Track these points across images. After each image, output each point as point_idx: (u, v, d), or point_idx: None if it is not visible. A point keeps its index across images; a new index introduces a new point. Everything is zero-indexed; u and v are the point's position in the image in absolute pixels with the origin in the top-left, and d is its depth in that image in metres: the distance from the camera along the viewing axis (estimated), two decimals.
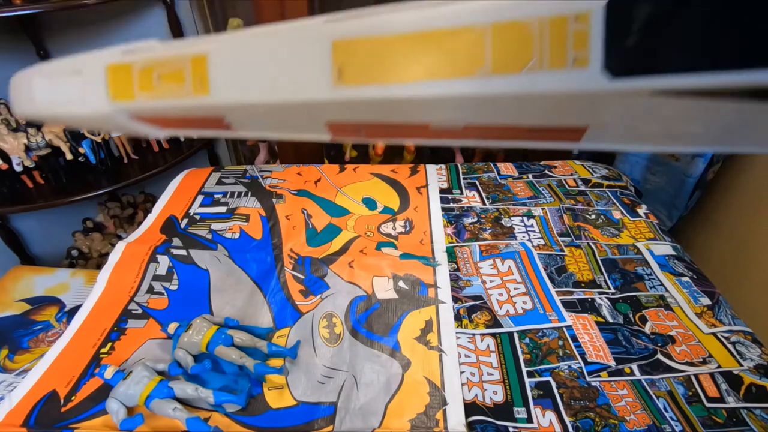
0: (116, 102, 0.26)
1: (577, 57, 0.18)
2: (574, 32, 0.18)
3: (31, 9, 0.88)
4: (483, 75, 0.19)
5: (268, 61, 0.23)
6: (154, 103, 0.25)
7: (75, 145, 1.04)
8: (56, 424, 0.46)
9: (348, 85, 0.21)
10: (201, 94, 0.24)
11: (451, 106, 0.21)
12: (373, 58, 0.20)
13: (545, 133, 0.22)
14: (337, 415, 0.47)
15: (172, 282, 0.62)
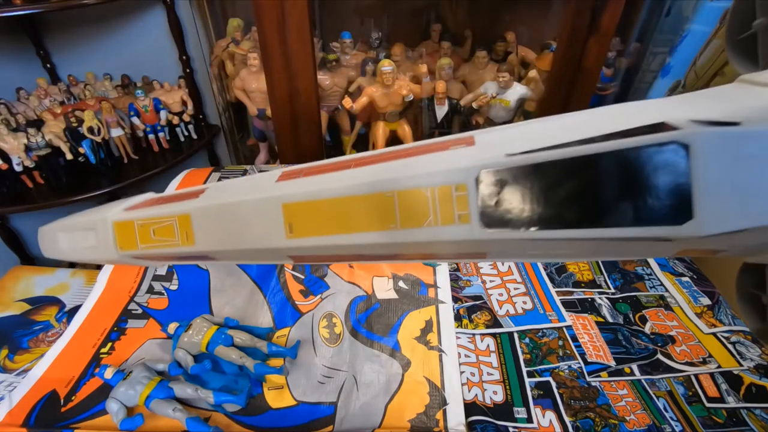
0: (123, 251, 0.33)
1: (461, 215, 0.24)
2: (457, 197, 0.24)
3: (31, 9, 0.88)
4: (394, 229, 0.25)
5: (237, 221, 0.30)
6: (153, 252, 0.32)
7: (75, 145, 1.04)
8: (56, 424, 0.46)
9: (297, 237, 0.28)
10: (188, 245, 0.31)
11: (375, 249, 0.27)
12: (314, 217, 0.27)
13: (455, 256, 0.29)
14: (337, 415, 0.47)
15: (172, 282, 0.62)
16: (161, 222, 0.32)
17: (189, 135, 1.27)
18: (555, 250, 0.25)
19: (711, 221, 0.20)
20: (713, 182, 0.20)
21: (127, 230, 0.33)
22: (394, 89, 0.96)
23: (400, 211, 0.25)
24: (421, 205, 0.24)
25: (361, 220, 0.26)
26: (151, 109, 1.15)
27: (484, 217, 0.23)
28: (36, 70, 1.18)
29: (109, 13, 1.15)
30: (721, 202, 0.20)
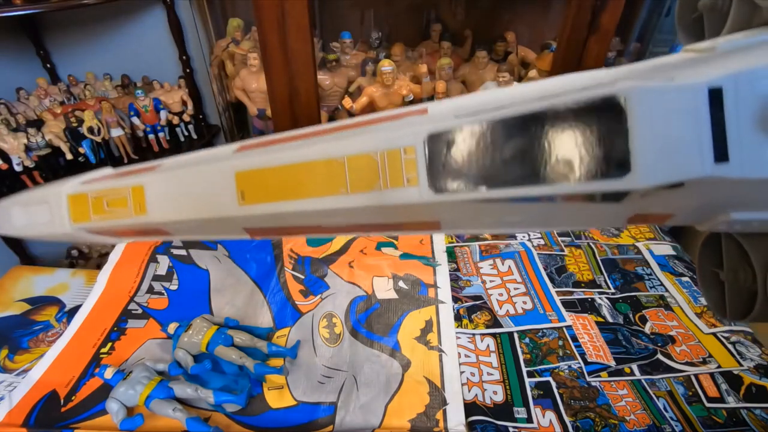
0: (76, 223, 0.33)
1: (409, 178, 0.24)
2: (406, 160, 0.24)
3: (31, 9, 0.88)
4: (344, 193, 0.25)
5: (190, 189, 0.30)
6: (106, 223, 0.33)
7: (75, 145, 1.04)
8: (56, 424, 0.46)
9: (249, 204, 0.28)
10: (141, 215, 0.31)
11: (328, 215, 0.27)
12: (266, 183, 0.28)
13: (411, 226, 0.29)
14: (337, 415, 0.47)
15: (172, 282, 0.62)
16: (115, 193, 0.32)
17: (189, 135, 1.27)
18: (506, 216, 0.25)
19: (648, 173, 0.20)
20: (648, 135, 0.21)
21: (80, 203, 0.33)
22: (394, 89, 0.96)
23: (350, 175, 0.25)
24: (370, 169, 0.25)
25: (312, 186, 0.26)
26: (151, 109, 1.15)
27: (433, 180, 0.23)
28: (36, 70, 1.18)
29: (109, 13, 1.15)
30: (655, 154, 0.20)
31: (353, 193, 0.25)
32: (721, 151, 0.20)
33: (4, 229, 0.36)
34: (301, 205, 0.26)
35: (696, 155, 0.20)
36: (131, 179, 0.31)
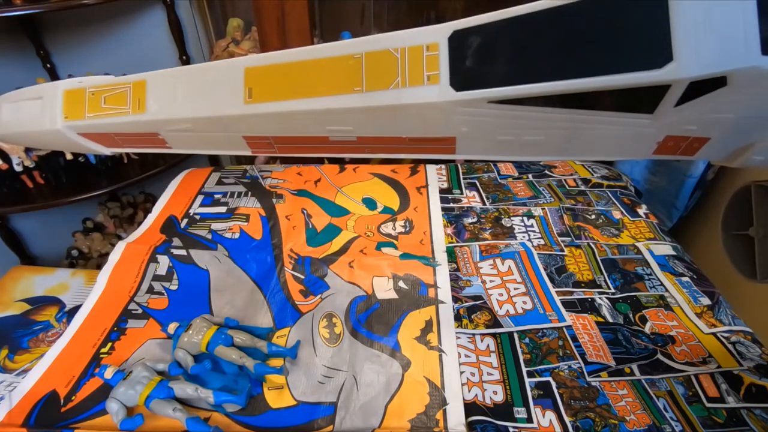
0: (68, 121, 0.31)
1: (431, 76, 0.23)
2: (428, 57, 0.23)
3: (31, 9, 0.88)
4: (359, 92, 0.24)
5: (194, 85, 0.28)
6: (100, 121, 0.30)
7: None
8: (56, 424, 0.46)
9: (256, 102, 0.26)
10: (139, 113, 0.28)
11: (339, 118, 0.26)
12: (276, 80, 0.25)
13: (424, 143, 0.28)
14: (337, 415, 0.47)
15: (172, 282, 0.62)
16: (114, 89, 0.29)
17: None
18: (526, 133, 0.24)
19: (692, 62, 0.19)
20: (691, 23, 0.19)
21: (76, 98, 0.30)
22: None
23: (366, 72, 0.23)
24: (389, 66, 0.23)
25: (324, 83, 0.24)
26: None
27: (455, 77, 0.22)
28: (36, 70, 1.18)
29: (109, 13, 1.15)
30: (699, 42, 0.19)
31: (369, 91, 0.23)
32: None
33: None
34: (312, 104, 0.25)
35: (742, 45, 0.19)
36: (134, 76, 0.29)
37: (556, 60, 0.21)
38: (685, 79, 0.20)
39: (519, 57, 0.22)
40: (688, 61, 0.20)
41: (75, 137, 0.32)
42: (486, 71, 0.22)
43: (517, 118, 0.23)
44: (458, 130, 0.25)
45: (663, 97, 0.21)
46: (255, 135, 0.28)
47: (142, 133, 0.30)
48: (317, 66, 0.25)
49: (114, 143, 0.33)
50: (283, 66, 0.26)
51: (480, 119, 0.24)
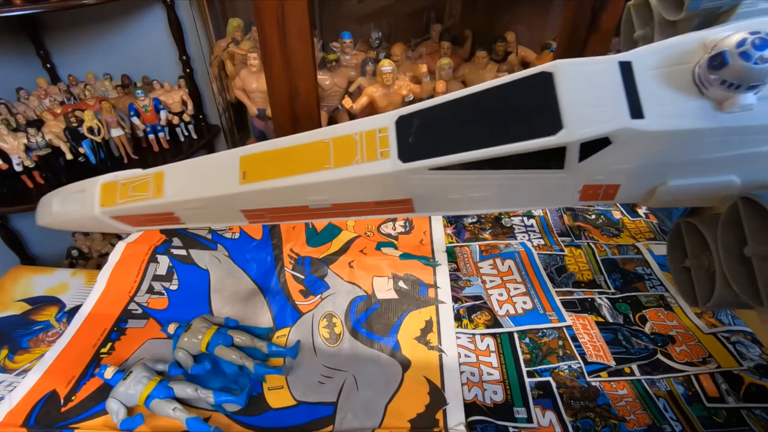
0: (103, 207, 0.38)
1: (383, 152, 0.29)
2: (380, 138, 0.29)
3: (31, 9, 0.88)
4: (328, 168, 0.30)
5: (201, 173, 0.35)
6: (128, 206, 0.37)
7: (75, 145, 1.04)
8: (56, 424, 0.46)
9: (249, 182, 0.32)
10: (157, 197, 0.36)
11: (315, 190, 0.32)
12: (264, 164, 0.32)
13: (387, 206, 0.33)
14: (337, 415, 0.47)
15: (172, 282, 0.62)
16: (140, 180, 0.37)
17: (189, 135, 1.27)
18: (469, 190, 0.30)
19: (577, 127, 0.25)
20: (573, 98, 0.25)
21: (111, 189, 0.38)
22: (394, 89, 0.96)
23: (334, 152, 0.30)
24: (351, 147, 0.29)
25: (303, 164, 0.31)
26: (151, 109, 1.15)
27: (402, 151, 0.28)
28: (36, 70, 1.18)
29: (109, 13, 1.15)
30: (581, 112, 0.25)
31: (336, 167, 0.29)
32: (636, 109, 0.25)
33: (42, 217, 0.41)
34: (292, 181, 0.31)
35: (614, 112, 0.25)
36: (155, 169, 0.37)
37: (477, 134, 0.27)
38: (574, 142, 0.25)
39: (449, 133, 0.27)
40: (573, 128, 0.25)
41: (109, 220, 0.39)
42: (425, 146, 0.28)
43: (457, 180, 0.29)
44: (412, 193, 0.31)
45: (565, 156, 0.26)
46: (250, 208, 0.35)
47: (160, 213, 0.37)
48: (295, 151, 0.31)
49: (139, 223, 0.40)
50: (269, 153, 0.32)
51: (427, 183, 0.29)
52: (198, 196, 0.34)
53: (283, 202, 0.33)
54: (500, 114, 0.26)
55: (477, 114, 0.27)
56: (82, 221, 0.40)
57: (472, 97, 0.27)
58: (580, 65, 0.26)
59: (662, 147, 0.26)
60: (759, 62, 0.22)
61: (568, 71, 0.25)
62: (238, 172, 0.32)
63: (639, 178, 0.28)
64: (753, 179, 0.28)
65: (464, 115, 0.27)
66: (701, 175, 0.28)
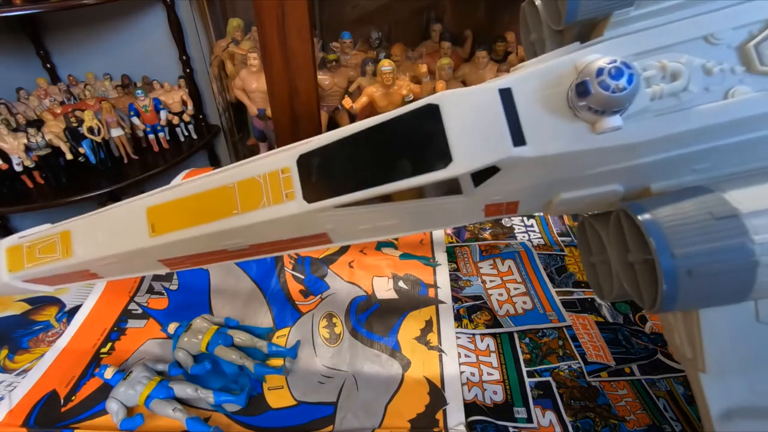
0: (12, 273, 0.36)
1: (288, 193, 0.28)
2: (284, 179, 0.28)
3: (31, 9, 0.88)
4: (237, 214, 0.29)
5: (108, 228, 0.34)
6: (38, 269, 0.36)
7: (75, 145, 1.04)
8: (56, 424, 0.46)
9: (159, 234, 0.31)
10: (67, 258, 0.34)
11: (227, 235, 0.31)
12: (172, 214, 0.31)
13: (303, 241, 0.33)
14: (337, 415, 0.47)
15: (172, 282, 0.62)
16: (46, 241, 0.35)
17: (189, 135, 1.27)
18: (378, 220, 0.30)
19: (464, 161, 0.25)
20: (460, 130, 0.26)
21: (16, 253, 0.36)
22: (394, 89, 0.96)
23: (240, 197, 0.29)
24: (256, 190, 0.29)
25: (211, 211, 0.30)
26: (151, 109, 1.15)
27: (306, 192, 0.28)
28: (36, 70, 1.19)
29: (109, 13, 1.15)
30: (468, 144, 0.26)
31: (244, 212, 0.29)
32: (518, 136, 0.26)
33: None
34: (203, 230, 0.30)
35: (498, 142, 0.25)
36: (60, 227, 0.35)
37: (375, 170, 0.27)
38: (465, 173, 0.26)
39: (348, 170, 0.28)
40: (461, 160, 0.26)
41: (21, 285, 0.37)
42: (327, 185, 0.28)
43: (364, 213, 0.29)
44: (325, 228, 0.31)
45: (460, 185, 0.27)
46: (166, 258, 0.34)
47: (73, 272, 0.36)
48: (201, 198, 0.31)
49: (55, 282, 0.39)
50: (175, 202, 0.31)
51: (337, 218, 0.29)
52: (109, 253, 0.33)
53: (199, 249, 0.33)
54: (394, 149, 0.27)
55: (373, 149, 0.27)
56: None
57: (366, 132, 0.28)
58: (463, 96, 0.26)
59: (547, 168, 0.28)
60: (616, 91, 0.23)
61: (452, 102, 0.26)
62: (146, 224, 0.32)
63: (533, 194, 0.30)
64: (634, 185, 0.30)
65: (361, 151, 0.28)
66: (587, 187, 0.29)
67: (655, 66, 0.26)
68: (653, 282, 0.27)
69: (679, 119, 0.26)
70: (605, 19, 0.28)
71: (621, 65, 0.24)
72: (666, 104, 0.26)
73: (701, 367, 0.30)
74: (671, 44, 0.27)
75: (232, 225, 0.30)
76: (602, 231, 0.33)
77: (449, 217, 0.32)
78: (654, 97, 0.26)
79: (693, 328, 0.30)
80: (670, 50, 0.27)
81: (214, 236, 0.31)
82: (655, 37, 0.27)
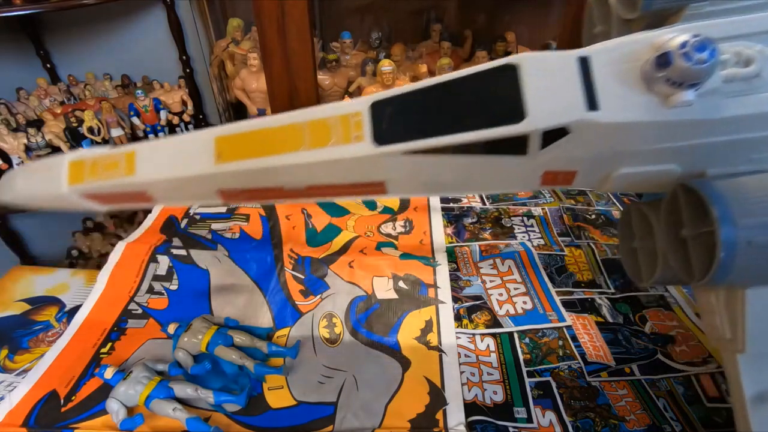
0: (72, 185, 0.37)
1: (356, 135, 0.30)
2: (354, 122, 0.30)
3: (31, 9, 0.88)
4: (304, 149, 0.30)
5: (175, 152, 0.35)
6: (98, 184, 0.36)
7: (75, 145, 1.04)
8: (56, 424, 0.46)
9: (224, 162, 0.32)
10: (129, 176, 0.35)
11: (290, 171, 0.32)
12: (239, 145, 0.32)
13: (360, 188, 0.34)
14: (337, 415, 0.47)
15: (172, 282, 0.62)
16: (110, 158, 0.36)
17: None
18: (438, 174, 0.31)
19: (538, 117, 0.27)
20: (536, 89, 0.27)
21: (79, 167, 0.37)
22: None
23: (309, 135, 0.31)
24: (325, 130, 0.30)
25: (278, 145, 0.31)
26: (151, 109, 1.15)
27: (375, 135, 0.29)
28: (36, 70, 1.18)
29: (109, 13, 1.15)
30: (542, 104, 0.27)
31: (311, 149, 0.30)
32: (592, 101, 0.27)
33: (5, 195, 0.40)
34: (267, 162, 0.31)
35: (572, 104, 0.27)
36: (124, 147, 0.36)
37: (447, 120, 0.28)
38: (536, 131, 0.27)
39: (421, 119, 0.29)
40: (535, 117, 0.27)
41: (77, 199, 0.38)
42: (398, 130, 0.29)
43: (427, 164, 0.30)
44: (385, 176, 0.32)
45: (528, 143, 0.28)
46: (225, 188, 0.35)
47: (132, 192, 0.36)
48: (271, 132, 0.31)
49: (109, 201, 0.39)
50: (244, 134, 0.32)
51: (399, 167, 0.31)
52: (172, 176, 0.34)
53: (258, 182, 0.34)
54: (468, 102, 0.28)
55: (447, 102, 0.29)
56: (48, 199, 0.39)
57: (442, 86, 0.29)
58: (543, 59, 0.28)
59: (613, 138, 0.29)
60: (698, 63, 0.25)
61: (532, 63, 0.27)
62: (213, 152, 0.32)
63: (593, 166, 0.31)
64: (691, 168, 0.31)
65: (435, 102, 0.29)
66: (648, 163, 0.31)
67: (730, 51, 0.28)
68: (706, 256, 0.29)
69: (749, 102, 0.27)
70: (679, 11, 0.30)
71: (704, 40, 0.25)
72: (737, 87, 0.27)
73: (741, 347, 0.31)
74: (746, 34, 0.28)
75: (296, 160, 0.31)
76: (651, 213, 0.35)
77: (506, 179, 0.33)
78: (727, 80, 0.27)
79: (736, 308, 0.31)
80: (745, 38, 0.28)
81: (276, 170, 0.32)
82: (730, 26, 0.28)
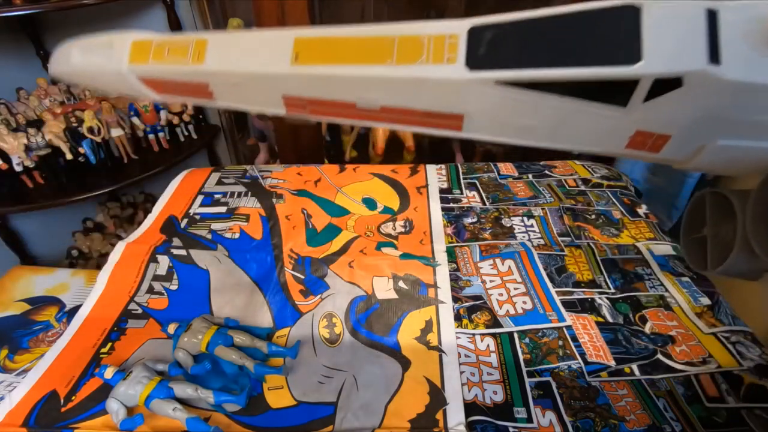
0: (132, 64, 0.34)
1: (450, 57, 0.28)
2: (449, 44, 0.28)
3: (31, 9, 0.88)
4: (390, 64, 0.28)
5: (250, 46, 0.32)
6: (160, 68, 0.34)
7: (75, 145, 1.04)
8: (56, 424, 0.46)
9: (301, 64, 0.30)
10: (197, 64, 0.32)
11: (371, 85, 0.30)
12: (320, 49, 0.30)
13: (435, 118, 0.32)
14: (337, 415, 0.47)
15: (172, 282, 0.62)
16: (179, 43, 0.34)
17: (189, 135, 1.27)
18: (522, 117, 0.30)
19: (656, 62, 0.25)
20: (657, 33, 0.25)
21: (143, 48, 0.35)
22: None
23: (398, 49, 0.29)
24: (417, 47, 0.28)
25: (363, 55, 0.29)
26: (151, 109, 1.14)
27: (469, 59, 0.28)
28: (36, 70, 1.18)
29: (109, 13, 1.15)
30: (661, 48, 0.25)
31: (398, 64, 0.28)
32: (715, 54, 0.25)
33: (60, 66, 0.38)
34: (349, 71, 0.30)
35: (694, 54, 0.25)
36: (196, 35, 0.34)
37: (552, 53, 0.26)
38: (651, 75, 0.26)
39: (522, 49, 0.27)
40: (652, 61, 0.25)
41: (134, 80, 0.35)
42: (494, 58, 0.27)
43: (516, 101, 0.28)
44: (467, 108, 0.30)
45: (633, 92, 0.27)
46: (293, 95, 0.33)
47: (194, 82, 0.34)
48: (357, 41, 0.29)
49: (166, 90, 0.36)
50: (328, 39, 0.30)
51: (486, 99, 0.28)
52: (242, 70, 0.32)
53: (332, 93, 0.31)
54: (578, 38, 0.26)
55: (554, 35, 0.27)
56: (103, 77, 0.37)
57: (550, 18, 0.27)
58: (668, 4, 0.26)
59: (727, 99, 0.27)
60: None
61: (656, 6, 0.26)
62: (291, 52, 0.30)
63: (692, 131, 0.29)
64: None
65: (540, 34, 0.27)
66: (752, 137, 0.29)
67: None
68: None
69: None
70: None
71: None
72: None
73: None
74: None
75: (381, 73, 0.29)
76: (736, 200, 0.36)
77: (595, 133, 0.31)
78: None
79: None
80: None
81: (356, 81, 0.30)
82: None
